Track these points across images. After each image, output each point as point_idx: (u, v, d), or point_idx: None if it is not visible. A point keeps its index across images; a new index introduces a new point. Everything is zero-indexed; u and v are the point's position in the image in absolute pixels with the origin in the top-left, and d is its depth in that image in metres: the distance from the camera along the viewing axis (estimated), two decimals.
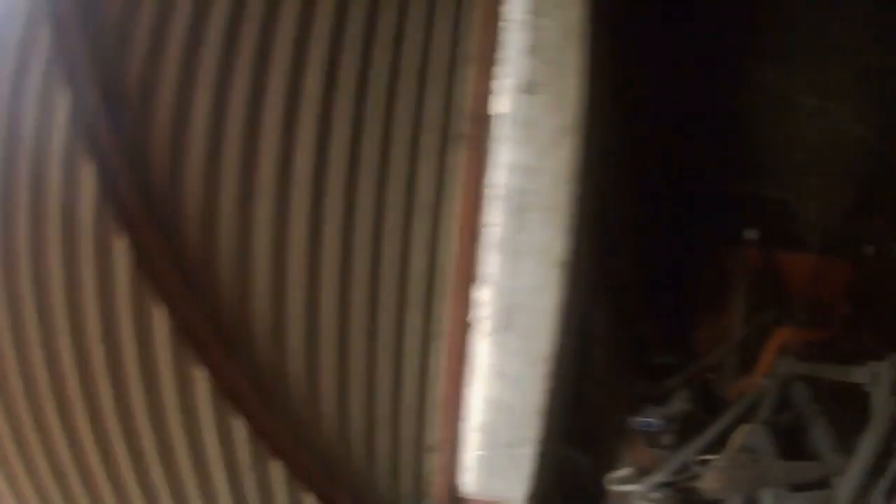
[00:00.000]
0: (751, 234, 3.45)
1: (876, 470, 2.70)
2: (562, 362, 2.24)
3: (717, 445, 2.55)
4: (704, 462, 2.47)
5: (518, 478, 2.40)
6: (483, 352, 2.24)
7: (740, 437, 2.48)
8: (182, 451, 2.25)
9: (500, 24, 2.19)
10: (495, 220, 2.16)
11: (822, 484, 2.54)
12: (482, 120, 2.16)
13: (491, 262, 2.18)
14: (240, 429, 2.23)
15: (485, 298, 2.20)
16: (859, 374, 2.50)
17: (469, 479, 2.41)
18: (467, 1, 2.22)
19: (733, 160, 3.67)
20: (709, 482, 2.32)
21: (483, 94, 2.16)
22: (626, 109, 2.89)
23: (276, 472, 2.30)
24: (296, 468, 2.31)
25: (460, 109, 2.16)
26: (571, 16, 2.15)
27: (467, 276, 2.19)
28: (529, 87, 2.14)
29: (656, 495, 2.36)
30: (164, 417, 2.18)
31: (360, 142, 2.14)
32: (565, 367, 2.31)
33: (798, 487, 2.53)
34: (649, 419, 2.63)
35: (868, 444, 2.40)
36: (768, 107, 3.89)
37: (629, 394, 2.81)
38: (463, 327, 2.23)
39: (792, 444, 2.81)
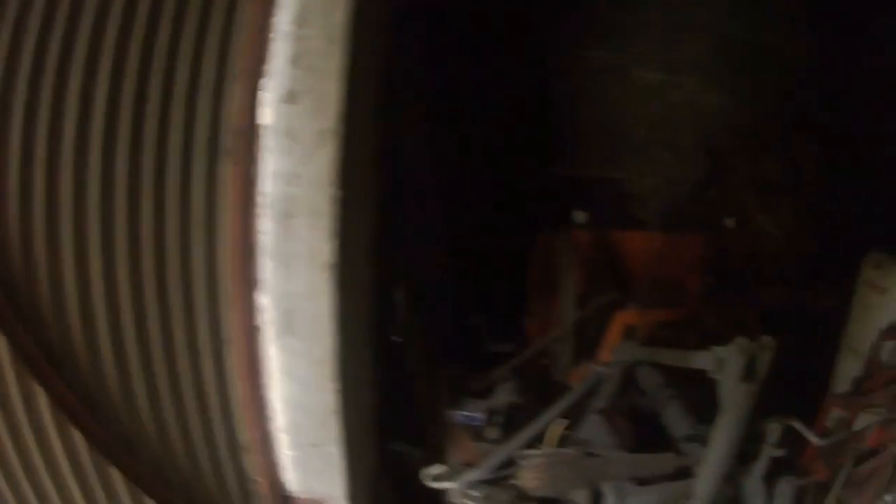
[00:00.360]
0: (579, 216, 3.34)
1: (748, 456, 2.60)
2: (347, 362, 2.29)
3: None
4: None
5: (332, 476, 2.47)
6: (272, 355, 2.32)
7: (557, 430, 2.41)
8: (39, 464, 2.42)
9: (268, 36, 2.24)
10: (266, 228, 2.23)
11: (684, 474, 2.45)
12: (248, 133, 2.22)
13: (266, 269, 2.25)
14: (79, 440, 2.38)
15: (266, 304, 2.28)
16: (702, 360, 2.39)
17: (290, 478, 2.49)
18: (238, 16, 2.28)
19: (568, 142, 3.57)
20: (525, 479, 2.26)
21: (249, 108, 2.22)
22: (429, 104, 2.87)
23: (116, 478, 2.44)
24: (131, 474, 2.45)
25: (228, 124, 2.23)
26: (333, 22, 2.18)
27: (247, 283, 2.27)
28: (290, 97, 2.19)
29: (474, 493, 2.32)
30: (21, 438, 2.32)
31: (139, 163, 2.24)
32: (356, 366, 2.35)
33: (649, 480, 2.43)
34: (472, 412, 2.60)
35: (721, 435, 2.30)
36: (608, 85, 3.75)
37: (451, 387, 2.78)
38: (250, 332, 2.31)
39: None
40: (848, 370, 2.98)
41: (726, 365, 2.23)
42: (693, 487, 2.37)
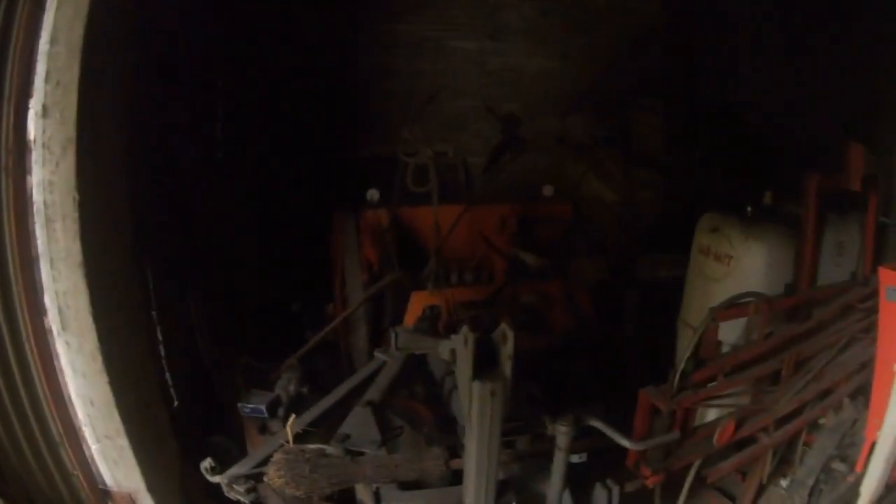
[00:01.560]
0: (372, 194, 3.13)
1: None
2: (117, 355, 2.38)
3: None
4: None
5: (131, 469, 2.56)
6: (60, 351, 2.47)
7: (292, 426, 2.25)
8: None
9: (34, 58, 2.44)
10: (37, 234, 2.40)
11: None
12: (20, 148, 2.42)
13: (43, 272, 2.42)
14: None
15: (47, 304, 2.44)
16: (442, 349, 2.17)
17: (102, 471, 2.62)
18: (8, 40, 2.49)
19: (377, 120, 3.36)
20: (271, 477, 2.13)
21: (20, 125, 2.43)
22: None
23: None
24: None
25: (2, 143, 2.44)
26: (74, 37, 2.34)
27: (32, 287, 2.45)
28: (44, 111, 2.36)
29: (238, 487, 2.27)
30: None
31: None
32: (131, 360, 2.43)
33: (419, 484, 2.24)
34: (257, 405, 2.56)
35: (469, 441, 2.02)
36: (422, 58, 3.50)
37: (241, 380, 2.75)
38: (42, 331, 2.48)
39: None
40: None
41: (458, 358, 1.97)
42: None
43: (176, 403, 2.91)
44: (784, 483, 3.08)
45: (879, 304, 2.47)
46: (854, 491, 2.60)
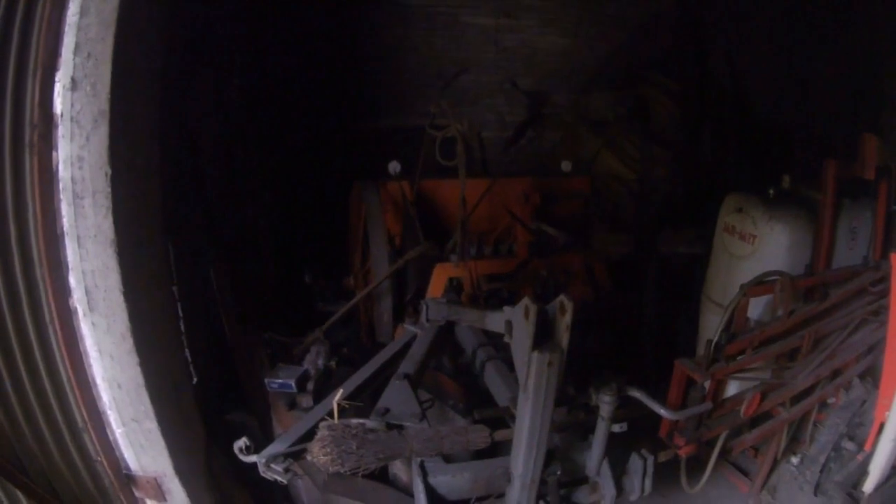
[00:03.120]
0: (394, 166, 3.14)
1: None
2: (148, 336, 2.34)
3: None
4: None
5: (158, 452, 2.51)
6: (86, 333, 2.41)
7: (336, 400, 2.21)
8: None
9: (61, 29, 2.38)
10: (64, 212, 2.34)
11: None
12: (46, 123, 2.35)
13: (69, 251, 2.36)
14: None
15: (73, 284, 2.38)
16: (495, 322, 2.18)
17: (126, 456, 2.56)
18: (35, 13, 2.42)
19: (392, 93, 3.37)
20: (315, 454, 2.07)
21: (46, 99, 2.36)
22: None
23: None
24: None
25: (30, 116, 2.37)
26: (107, 9, 2.29)
27: (56, 266, 2.38)
28: (73, 84, 2.30)
29: (275, 467, 2.23)
30: None
31: None
32: (162, 340, 2.39)
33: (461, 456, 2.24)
34: (284, 380, 2.52)
35: (521, 411, 2.02)
36: (436, 33, 3.54)
37: (270, 354, 2.71)
38: (66, 312, 2.41)
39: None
40: (712, 324, 2.63)
41: (514, 329, 1.96)
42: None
43: (195, 380, 2.85)
44: (795, 460, 3.17)
45: (891, 287, 2.55)
46: (863, 469, 2.69)
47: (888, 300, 2.63)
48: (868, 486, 2.58)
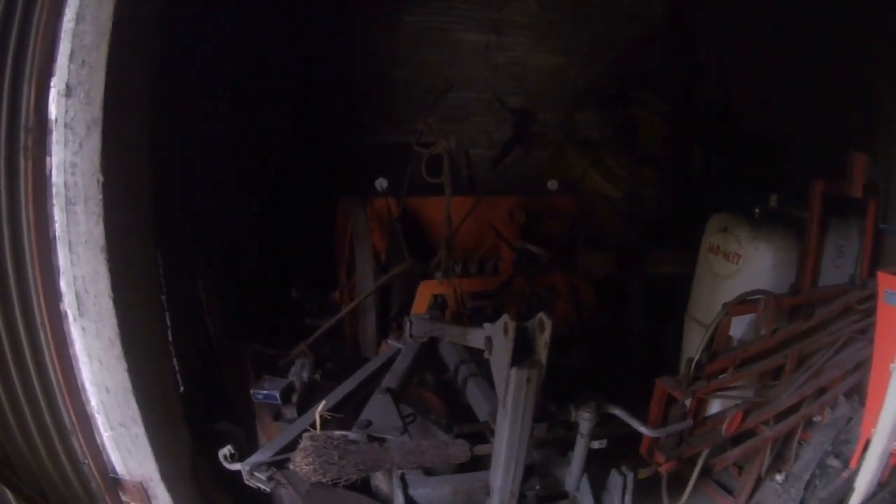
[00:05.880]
0: (381, 183, 3.17)
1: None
2: (137, 342, 2.36)
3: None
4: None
5: (145, 457, 2.53)
6: (76, 337, 2.44)
7: (319, 412, 2.24)
8: None
9: (57, 35, 2.41)
10: (56, 217, 2.37)
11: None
12: (41, 128, 2.38)
13: (61, 255, 2.38)
14: None
15: (64, 289, 2.41)
16: (475, 338, 2.20)
17: (114, 460, 2.59)
18: (31, 16, 2.45)
19: (380, 109, 3.40)
20: (298, 463, 2.10)
21: (41, 105, 2.39)
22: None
23: None
24: None
25: (25, 121, 2.40)
26: (102, 16, 2.32)
27: (48, 270, 2.41)
28: (68, 91, 2.33)
29: (259, 475, 2.25)
30: None
31: None
32: (150, 346, 2.41)
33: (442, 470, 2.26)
34: (269, 391, 2.55)
35: (500, 427, 2.04)
36: (426, 49, 3.56)
37: (256, 365, 2.74)
38: (57, 316, 2.44)
39: None
40: (695, 342, 2.65)
41: (494, 346, 1.98)
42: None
43: (182, 389, 2.88)
44: (779, 478, 3.19)
45: (878, 306, 2.57)
46: (848, 486, 2.70)
47: (875, 318, 2.65)
48: (853, 503, 2.59)
